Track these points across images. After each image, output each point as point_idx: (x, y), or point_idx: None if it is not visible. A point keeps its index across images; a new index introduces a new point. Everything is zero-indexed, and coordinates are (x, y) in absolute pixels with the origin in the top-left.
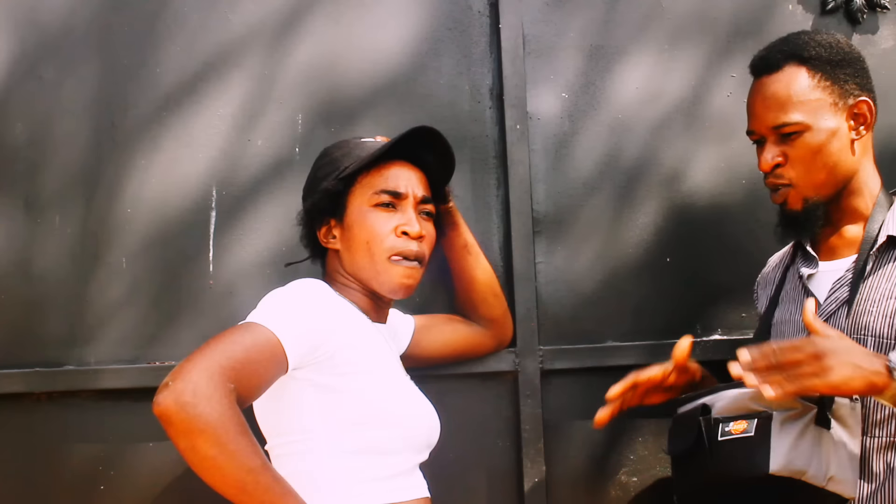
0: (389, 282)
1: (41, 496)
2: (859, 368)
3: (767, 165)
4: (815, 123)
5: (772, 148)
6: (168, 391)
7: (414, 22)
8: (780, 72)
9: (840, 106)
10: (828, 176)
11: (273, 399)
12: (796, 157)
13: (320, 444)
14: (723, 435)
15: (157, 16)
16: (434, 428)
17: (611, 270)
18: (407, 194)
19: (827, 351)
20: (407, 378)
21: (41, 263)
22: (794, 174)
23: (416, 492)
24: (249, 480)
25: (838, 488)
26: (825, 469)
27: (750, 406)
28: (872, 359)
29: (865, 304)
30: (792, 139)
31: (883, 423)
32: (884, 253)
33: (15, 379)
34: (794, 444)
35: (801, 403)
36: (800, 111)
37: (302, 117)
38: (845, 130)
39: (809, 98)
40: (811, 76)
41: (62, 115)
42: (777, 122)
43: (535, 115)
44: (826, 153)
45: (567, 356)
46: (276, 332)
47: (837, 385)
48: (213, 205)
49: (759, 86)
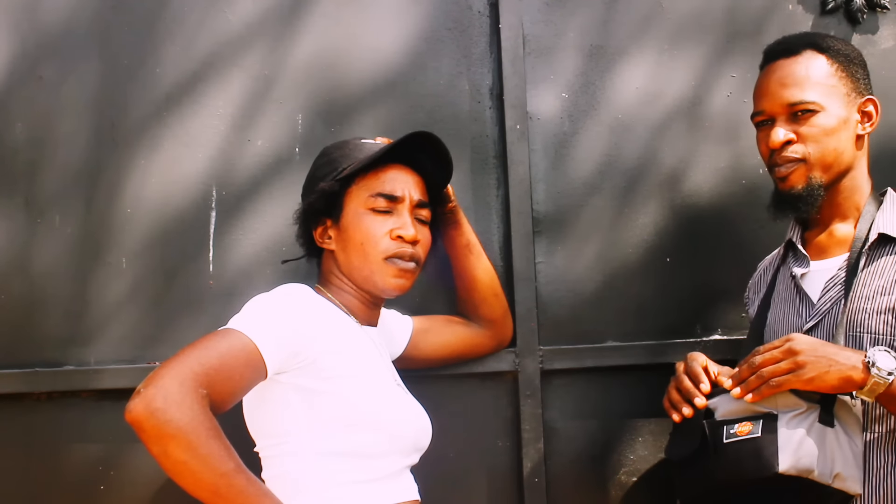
0: (383, 281)
1: (41, 496)
2: (835, 364)
3: (778, 142)
4: (829, 107)
5: (783, 125)
6: (139, 398)
7: (414, 22)
8: (799, 55)
9: (852, 98)
10: (835, 159)
11: (258, 401)
12: (809, 136)
13: (303, 446)
14: (728, 437)
15: (156, 16)
16: (424, 431)
17: (611, 270)
18: (403, 198)
19: (802, 348)
20: (396, 381)
21: (41, 263)
22: (807, 150)
23: (403, 495)
24: (223, 484)
25: (844, 485)
26: (831, 467)
27: (754, 407)
28: (850, 354)
29: (860, 301)
30: (804, 118)
31: (882, 418)
32: (874, 250)
33: (15, 379)
34: (800, 443)
35: (806, 403)
36: (816, 92)
37: (302, 117)
38: (853, 123)
39: (827, 83)
40: (829, 63)
41: (62, 115)
42: (793, 98)
43: (535, 115)
44: (836, 137)
45: (567, 356)
46: (254, 338)
47: (812, 380)
48: (213, 205)
49: (774, 66)
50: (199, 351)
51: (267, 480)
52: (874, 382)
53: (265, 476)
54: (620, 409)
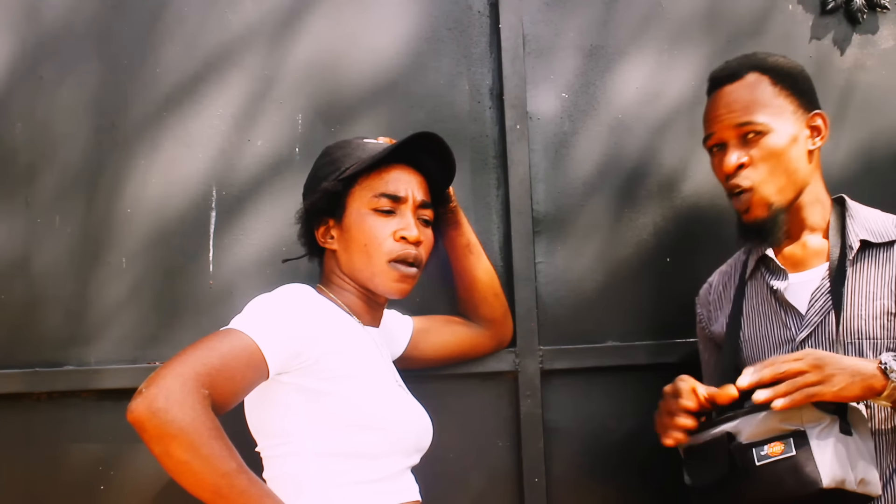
0: (385, 283)
1: (41, 496)
2: (858, 374)
3: (732, 166)
4: (778, 127)
5: (735, 150)
6: (141, 398)
7: (414, 22)
8: (742, 79)
9: (799, 115)
10: (788, 180)
11: (260, 401)
12: (759, 159)
13: (305, 446)
14: (760, 459)
15: (156, 16)
16: (425, 431)
17: (611, 270)
18: (407, 198)
19: (826, 360)
20: (398, 382)
21: (41, 263)
22: (757, 176)
23: (404, 495)
24: (224, 484)
25: (867, 489)
26: (855, 473)
27: (780, 427)
28: (866, 363)
29: (854, 308)
30: (754, 141)
31: (886, 420)
32: (856, 257)
33: (15, 379)
34: (834, 455)
35: (828, 416)
36: (764, 113)
37: (302, 117)
38: (803, 139)
39: (772, 103)
40: (773, 84)
41: (62, 115)
42: (741, 120)
43: (535, 115)
44: (787, 157)
45: (567, 356)
46: (256, 338)
47: (841, 391)
48: (213, 205)
49: (720, 93)
50: (201, 351)
51: (268, 481)
52: (893, 388)
53: (266, 476)
54: (620, 409)
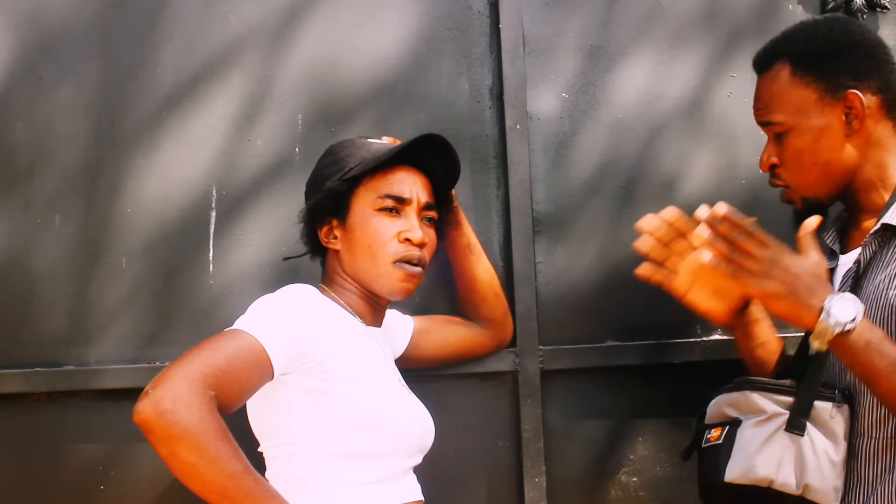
0: (390, 284)
1: (41, 496)
2: (795, 294)
3: (764, 166)
4: (799, 123)
5: (769, 148)
6: (147, 399)
7: (414, 22)
8: (769, 71)
9: (827, 101)
10: (820, 176)
11: (263, 402)
12: (787, 159)
13: (308, 447)
14: (705, 442)
15: (156, 16)
16: (427, 431)
17: (611, 270)
18: (411, 200)
19: (782, 263)
20: (400, 382)
21: (41, 263)
22: (788, 175)
23: (407, 495)
24: (231, 485)
25: (816, 497)
26: (798, 477)
27: (726, 412)
28: (818, 295)
29: (870, 293)
30: (781, 139)
31: (880, 422)
32: (883, 242)
33: (15, 379)
34: (757, 452)
35: (770, 409)
36: (781, 111)
37: (302, 117)
38: (838, 126)
39: (791, 96)
40: (793, 73)
41: (62, 115)
42: (762, 119)
43: (535, 115)
44: (814, 152)
45: (567, 356)
46: (261, 338)
47: (765, 295)
48: (213, 205)
49: (756, 84)
50: (206, 352)
51: (271, 481)
52: (822, 328)
53: (269, 476)
54: (620, 409)
